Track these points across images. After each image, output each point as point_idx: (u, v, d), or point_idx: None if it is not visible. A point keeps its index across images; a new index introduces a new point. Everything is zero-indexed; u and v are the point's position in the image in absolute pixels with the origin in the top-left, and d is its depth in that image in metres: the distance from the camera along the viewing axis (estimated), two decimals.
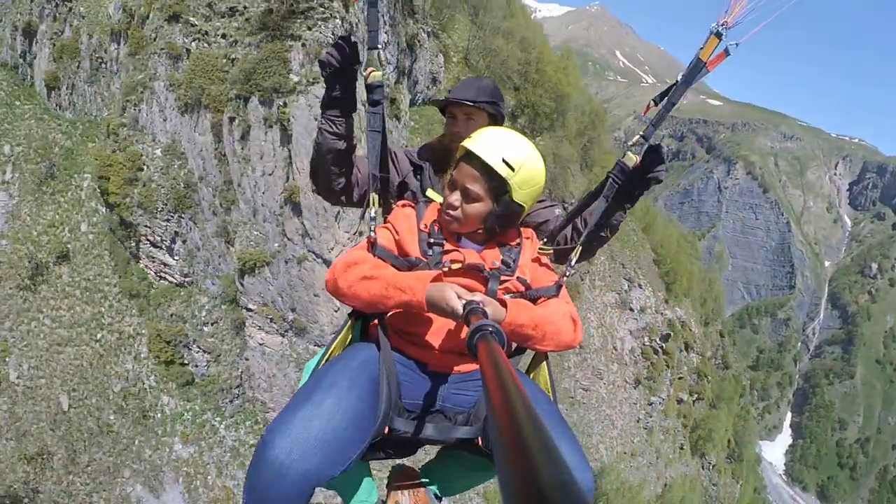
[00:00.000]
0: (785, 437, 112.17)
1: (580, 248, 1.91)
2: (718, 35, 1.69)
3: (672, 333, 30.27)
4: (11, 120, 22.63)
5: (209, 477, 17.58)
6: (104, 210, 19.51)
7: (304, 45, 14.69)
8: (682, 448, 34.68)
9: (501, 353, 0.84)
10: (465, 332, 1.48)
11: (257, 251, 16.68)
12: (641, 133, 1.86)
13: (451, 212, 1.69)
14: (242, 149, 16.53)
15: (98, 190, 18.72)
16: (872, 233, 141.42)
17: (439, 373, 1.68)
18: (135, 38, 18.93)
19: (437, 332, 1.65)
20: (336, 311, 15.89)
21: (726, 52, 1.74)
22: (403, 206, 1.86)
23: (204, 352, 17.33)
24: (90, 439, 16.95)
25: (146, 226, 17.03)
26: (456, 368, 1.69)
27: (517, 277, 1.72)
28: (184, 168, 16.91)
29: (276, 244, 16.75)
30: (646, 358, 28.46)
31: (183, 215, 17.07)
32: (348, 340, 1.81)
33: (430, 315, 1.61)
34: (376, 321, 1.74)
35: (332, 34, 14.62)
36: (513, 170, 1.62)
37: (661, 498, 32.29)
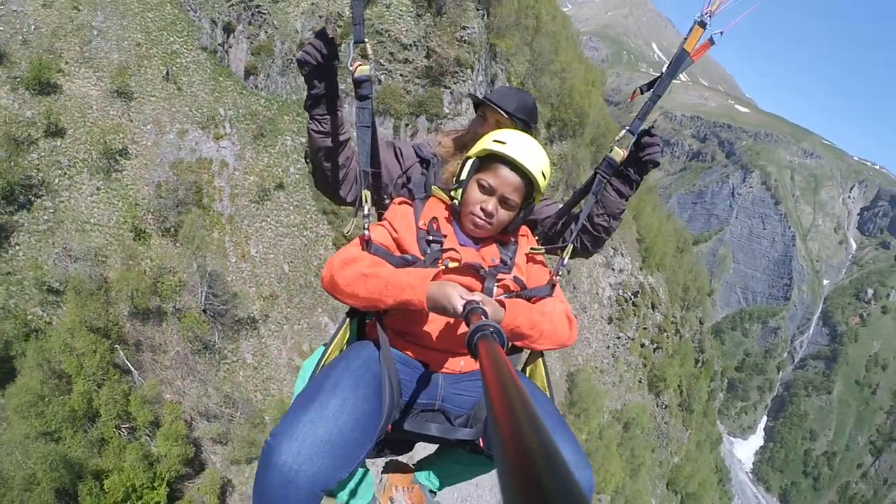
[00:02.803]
0: (757, 439, 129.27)
1: (571, 246, 2.10)
2: (702, 24, 1.85)
3: (641, 291, 47.59)
4: (220, 91, 38.04)
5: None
6: (304, 161, 36.10)
7: (451, 92, 31.26)
8: (640, 382, 51.96)
9: (502, 353, 0.93)
10: (460, 330, 1.80)
11: None
12: (628, 127, 2.06)
13: (487, 219, 1.86)
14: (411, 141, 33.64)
15: (307, 150, 35.24)
16: (875, 259, 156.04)
17: (440, 372, 1.85)
18: None
19: (436, 331, 1.81)
20: None
21: (711, 42, 1.88)
22: (400, 203, 2.01)
23: None
24: (300, 290, 33.54)
25: None
26: (456, 368, 1.86)
27: (514, 276, 1.90)
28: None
29: None
30: (619, 304, 45.78)
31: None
32: (345, 341, 1.98)
33: (429, 315, 1.77)
34: (373, 320, 1.90)
35: (469, 89, 31.06)
36: (544, 178, 1.86)
37: (619, 412, 49.54)
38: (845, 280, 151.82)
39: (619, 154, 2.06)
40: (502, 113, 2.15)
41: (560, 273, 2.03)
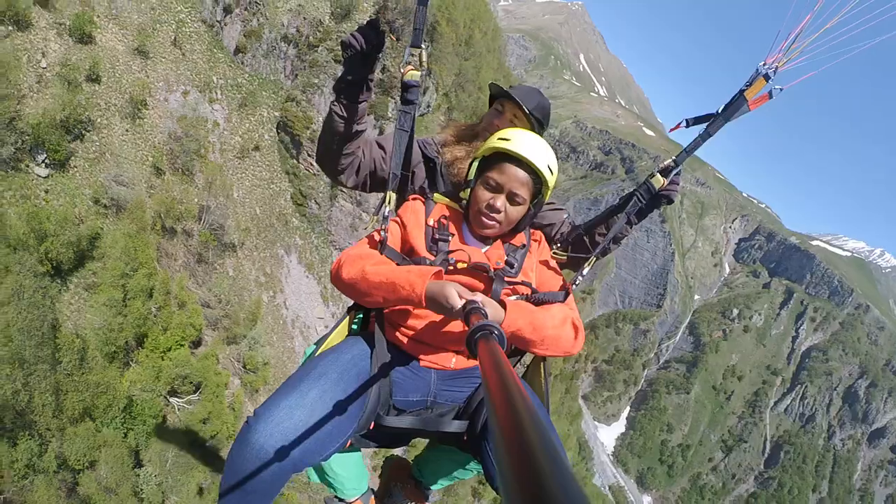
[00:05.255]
0: (620, 426, 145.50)
1: (594, 258, 2.25)
2: (767, 77, 1.94)
3: None
4: (213, 61, 41.22)
5: (308, 248, 49.52)
6: (275, 131, 50.17)
7: (395, 101, 46.78)
8: None
9: (502, 353, 0.94)
10: (456, 328, 1.91)
11: None
12: (674, 158, 2.21)
13: (496, 216, 1.95)
14: None
15: (280, 122, 49.32)
16: (744, 285, 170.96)
17: (430, 369, 1.97)
18: (312, 59, 49.70)
19: (432, 327, 1.92)
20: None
21: (769, 95, 1.98)
22: (414, 199, 2.16)
23: (316, 203, 48.93)
24: (265, 228, 47.37)
25: (310, 147, 48.09)
26: (448, 365, 1.97)
27: (521, 280, 1.98)
28: None
29: None
30: None
31: None
32: (346, 332, 2.14)
33: (427, 311, 1.88)
34: (374, 314, 2.06)
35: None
36: (552, 174, 1.94)
37: None
38: (714, 298, 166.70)
39: (660, 181, 2.25)
40: (523, 108, 2.30)
41: (578, 282, 2.18)
